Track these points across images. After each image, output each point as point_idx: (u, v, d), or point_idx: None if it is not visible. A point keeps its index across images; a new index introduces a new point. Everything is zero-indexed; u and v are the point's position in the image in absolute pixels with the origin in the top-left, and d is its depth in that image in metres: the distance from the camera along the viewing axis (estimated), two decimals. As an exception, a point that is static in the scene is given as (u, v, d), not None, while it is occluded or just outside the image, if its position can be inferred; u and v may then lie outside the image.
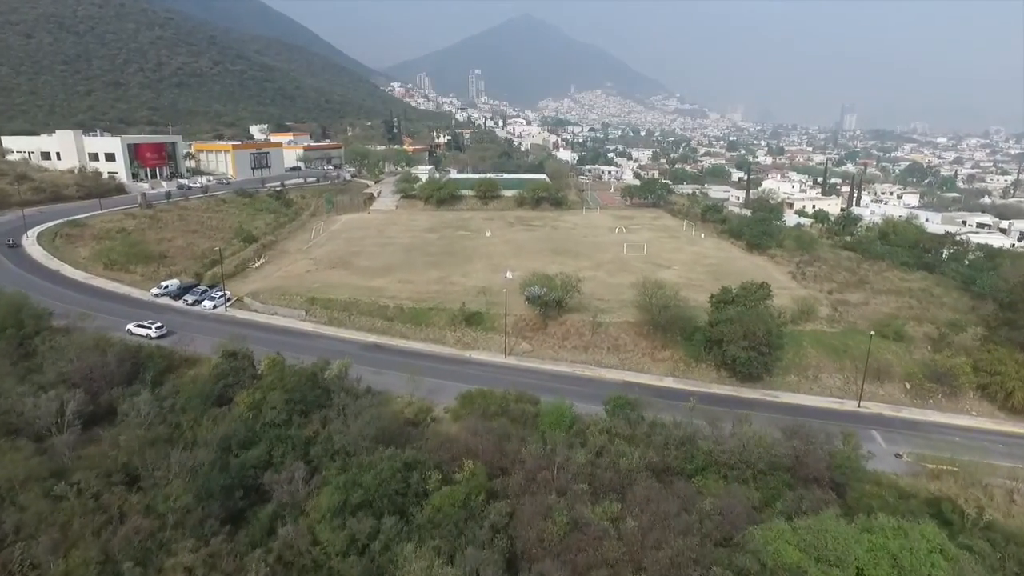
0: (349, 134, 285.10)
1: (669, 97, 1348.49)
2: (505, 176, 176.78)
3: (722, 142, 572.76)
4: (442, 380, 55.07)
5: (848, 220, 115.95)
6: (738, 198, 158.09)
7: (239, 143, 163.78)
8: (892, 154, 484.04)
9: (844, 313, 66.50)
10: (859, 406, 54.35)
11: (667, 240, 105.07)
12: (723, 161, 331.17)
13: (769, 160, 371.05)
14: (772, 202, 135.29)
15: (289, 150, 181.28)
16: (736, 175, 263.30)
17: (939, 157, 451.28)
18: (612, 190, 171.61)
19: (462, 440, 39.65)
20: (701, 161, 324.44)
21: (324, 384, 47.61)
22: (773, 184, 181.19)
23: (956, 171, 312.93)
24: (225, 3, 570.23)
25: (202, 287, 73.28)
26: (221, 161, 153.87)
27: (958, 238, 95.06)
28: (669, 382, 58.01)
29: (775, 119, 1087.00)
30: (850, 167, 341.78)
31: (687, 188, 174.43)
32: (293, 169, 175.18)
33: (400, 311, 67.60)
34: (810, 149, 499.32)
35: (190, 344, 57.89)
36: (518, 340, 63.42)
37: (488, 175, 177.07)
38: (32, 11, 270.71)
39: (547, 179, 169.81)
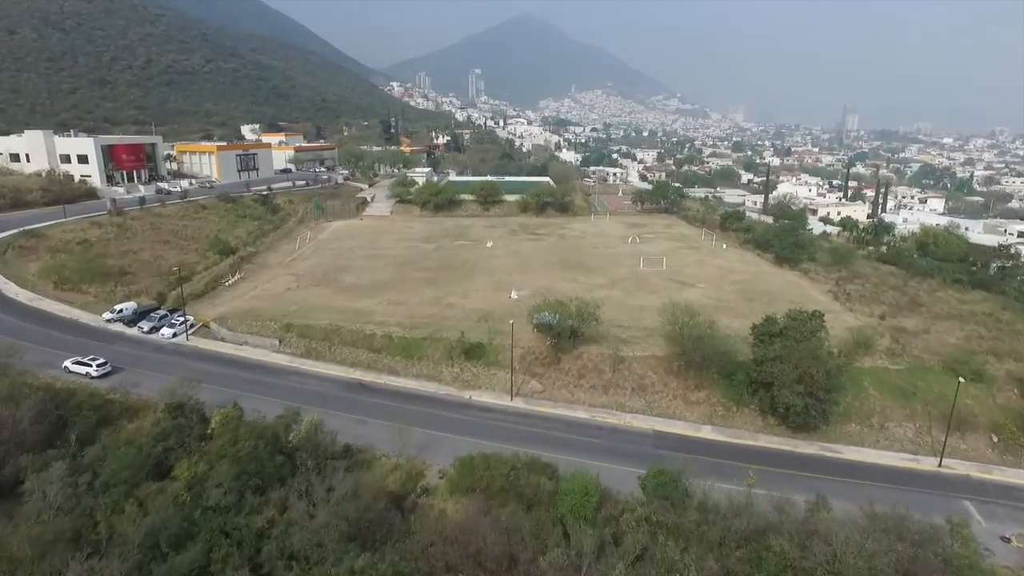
0: (345, 134, 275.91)
1: (670, 97, 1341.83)
2: (507, 179, 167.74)
3: (725, 143, 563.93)
4: (436, 431, 45.87)
5: (880, 229, 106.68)
6: (755, 203, 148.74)
7: (224, 144, 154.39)
8: (900, 155, 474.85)
9: (906, 344, 57.12)
10: (940, 465, 45.03)
11: (686, 252, 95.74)
12: (730, 162, 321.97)
13: (776, 161, 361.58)
14: (794, 208, 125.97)
15: (279, 151, 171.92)
16: (745, 177, 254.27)
17: (949, 158, 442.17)
18: (620, 194, 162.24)
19: (460, 538, 30.30)
20: (707, 162, 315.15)
21: (289, 448, 38.33)
22: (789, 188, 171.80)
23: (971, 173, 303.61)
24: (223, 1, 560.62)
25: (162, 311, 63.85)
26: (205, 163, 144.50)
27: (1012, 251, 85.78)
28: (707, 432, 48.66)
29: (776, 119, 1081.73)
30: (860, 169, 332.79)
31: (699, 192, 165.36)
32: (283, 171, 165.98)
33: (389, 341, 58.24)
34: (816, 150, 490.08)
35: (136, 386, 48.64)
36: (526, 377, 54.10)
37: (489, 178, 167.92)
38: (16, 7, 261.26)
39: (551, 182, 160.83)
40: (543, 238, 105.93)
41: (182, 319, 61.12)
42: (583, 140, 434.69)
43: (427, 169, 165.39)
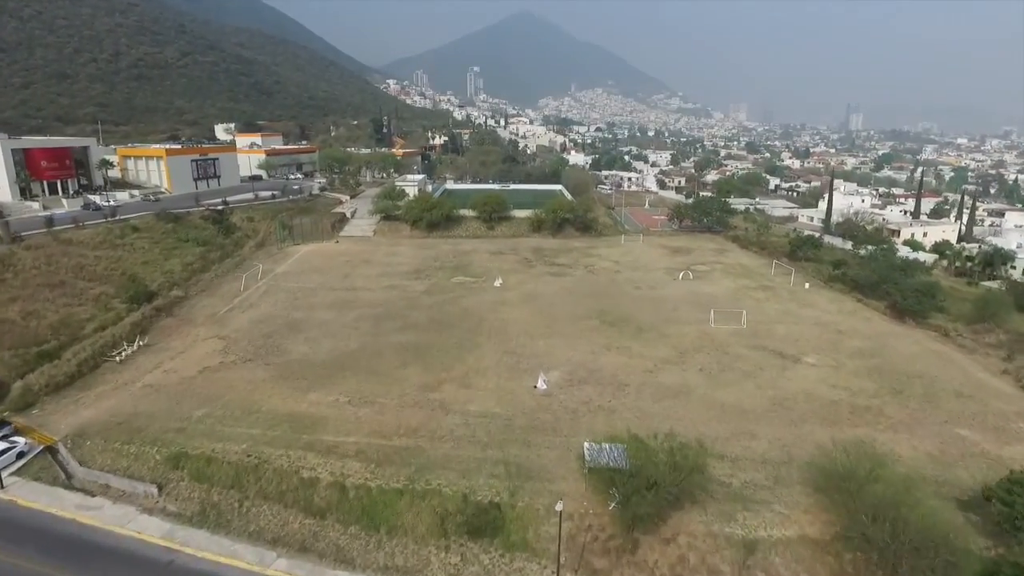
0: (332, 134, 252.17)
1: (671, 96, 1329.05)
2: (513, 187, 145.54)
3: (735, 143, 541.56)
4: None
5: (996, 257, 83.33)
6: (811, 219, 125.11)
7: (177, 147, 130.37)
8: (919, 156, 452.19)
9: None
10: None
11: (760, 295, 72.09)
12: (749, 164, 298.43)
13: (796, 164, 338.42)
14: (868, 228, 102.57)
15: (250, 155, 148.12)
16: (771, 182, 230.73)
17: (975, 160, 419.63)
18: (647, 205, 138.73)
19: None
20: (726, 165, 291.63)
21: None
22: (839, 198, 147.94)
23: (1016, 178, 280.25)
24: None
25: (-19, 426, 39.97)
26: (153, 170, 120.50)
27: None
28: None
29: (778, 119, 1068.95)
30: (889, 172, 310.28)
31: (736, 203, 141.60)
32: (253, 178, 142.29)
33: (341, 494, 34.45)
34: (832, 151, 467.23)
35: None
36: (580, 579, 30.40)
37: (492, 186, 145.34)
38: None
39: (564, 191, 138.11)
40: (566, 272, 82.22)
41: (3, 444, 37.19)
42: (588, 140, 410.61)
43: (420, 176, 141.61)
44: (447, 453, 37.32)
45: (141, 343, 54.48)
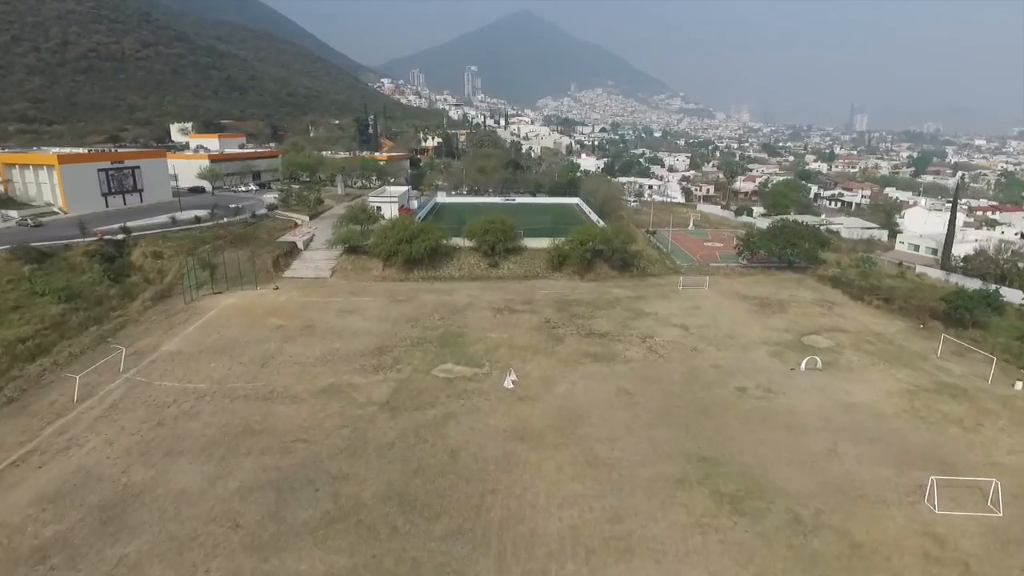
0: (311, 135, 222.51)
1: (673, 96, 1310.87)
2: (519, 200, 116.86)
3: (747, 144, 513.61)
4: None
5: None
6: (914, 247, 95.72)
7: (80, 151, 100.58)
8: (948, 160, 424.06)
9: None
10: None
11: (955, 408, 42.59)
12: (776, 169, 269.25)
13: (824, 168, 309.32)
14: (1020, 266, 73.52)
15: (190, 160, 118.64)
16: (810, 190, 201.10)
17: (1006, 163, 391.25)
18: (691, 226, 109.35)
19: None
20: (751, 170, 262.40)
21: None
22: (919, 215, 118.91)
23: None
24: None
25: None
26: (44, 183, 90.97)
27: None
28: None
29: (779, 119, 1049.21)
30: (929, 177, 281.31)
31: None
32: (194, 191, 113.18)
33: None
34: (854, 153, 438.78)
35: None
36: None
37: (494, 199, 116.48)
38: None
39: (582, 205, 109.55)
40: (615, 350, 52.55)
41: None
42: (595, 142, 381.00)
43: (403, 189, 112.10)
44: None
45: None
